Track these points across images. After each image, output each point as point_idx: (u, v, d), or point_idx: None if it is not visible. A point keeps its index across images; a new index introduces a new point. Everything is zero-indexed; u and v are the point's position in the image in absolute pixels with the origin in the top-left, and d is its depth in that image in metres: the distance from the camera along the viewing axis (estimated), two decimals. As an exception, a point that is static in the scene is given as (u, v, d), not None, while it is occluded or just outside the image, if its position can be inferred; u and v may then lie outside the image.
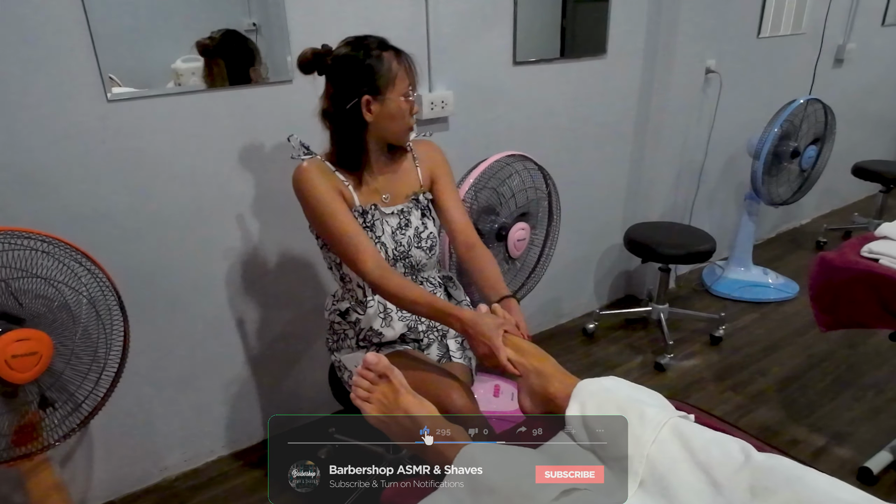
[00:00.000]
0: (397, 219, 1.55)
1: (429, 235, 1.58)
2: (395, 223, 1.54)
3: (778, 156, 2.97)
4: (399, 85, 1.43)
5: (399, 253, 1.54)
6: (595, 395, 1.08)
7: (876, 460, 1.99)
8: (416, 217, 1.57)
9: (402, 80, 1.43)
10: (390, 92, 1.42)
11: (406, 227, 1.55)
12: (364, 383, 1.16)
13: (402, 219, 1.55)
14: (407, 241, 1.55)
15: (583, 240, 2.91)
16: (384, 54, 1.42)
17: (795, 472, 0.87)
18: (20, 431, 1.40)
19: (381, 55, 1.42)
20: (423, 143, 1.65)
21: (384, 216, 1.53)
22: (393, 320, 1.56)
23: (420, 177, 1.60)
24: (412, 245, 1.56)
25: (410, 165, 1.60)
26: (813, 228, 4.11)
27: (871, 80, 4.09)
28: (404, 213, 1.56)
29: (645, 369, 2.64)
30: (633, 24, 2.64)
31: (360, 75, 1.42)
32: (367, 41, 1.43)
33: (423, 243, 1.57)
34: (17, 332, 1.30)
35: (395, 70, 1.42)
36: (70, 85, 1.57)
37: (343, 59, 1.43)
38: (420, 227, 1.57)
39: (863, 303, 1.78)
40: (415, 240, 1.56)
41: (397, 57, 1.43)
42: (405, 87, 1.44)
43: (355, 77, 1.42)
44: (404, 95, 1.44)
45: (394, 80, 1.42)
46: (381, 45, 1.43)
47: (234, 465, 2.14)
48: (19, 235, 1.32)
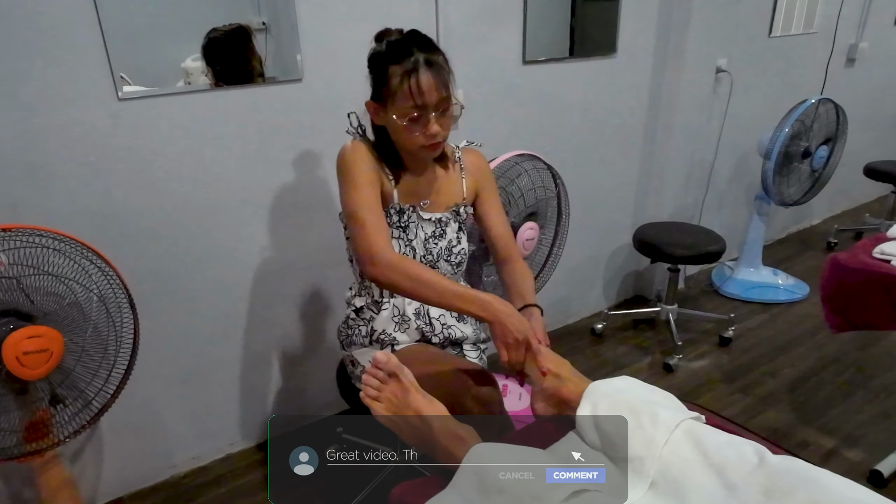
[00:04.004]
0: (433, 227, 1.51)
1: (460, 251, 1.55)
2: (430, 231, 1.51)
3: (789, 156, 2.95)
4: (399, 105, 1.32)
5: (427, 261, 1.50)
6: (607, 396, 1.07)
7: (887, 463, 1.97)
8: (453, 230, 1.54)
9: (403, 99, 1.31)
10: (391, 108, 1.34)
11: (440, 237, 1.52)
12: (374, 382, 1.16)
13: (438, 228, 1.52)
14: (437, 251, 1.51)
15: (592, 239, 2.90)
16: (392, 67, 1.31)
17: (810, 473, 0.87)
18: (31, 428, 1.41)
19: (388, 66, 1.32)
20: (472, 153, 1.59)
21: (420, 220, 1.49)
22: (410, 328, 1.53)
23: (464, 188, 1.55)
24: (441, 257, 1.52)
25: (456, 175, 1.55)
26: (824, 229, 4.08)
27: (883, 79, 4.06)
28: (441, 223, 1.52)
29: (653, 370, 2.63)
30: (644, 23, 2.62)
31: (372, 76, 1.38)
32: (389, 42, 1.34)
33: (453, 258, 1.54)
34: (29, 329, 1.31)
35: (393, 87, 1.31)
36: (82, 83, 1.58)
37: (370, 53, 1.38)
38: (453, 241, 1.54)
39: (874, 304, 1.77)
40: (445, 252, 1.53)
41: (405, 74, 1.29)
42: (407, 107, 1.31)
43: (371, 75, 1.38)
44: (403, 116, 1.32)
45: (393, 96, 1.32)
46: (398, 50, 1.32)
47: (242, 463, 2.14)
48: (31, 233, 1.32)
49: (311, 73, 1.89)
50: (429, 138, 1.35)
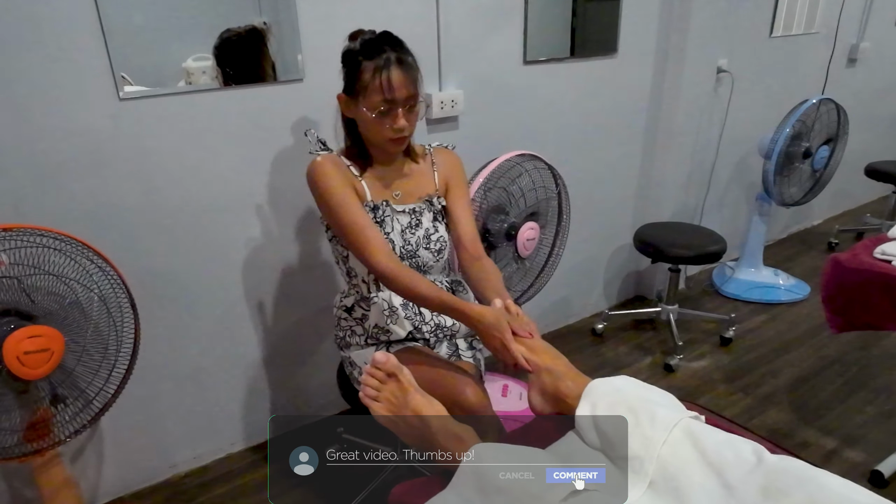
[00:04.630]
0: (408, 217, 1.55)
1: (439, 238, 1.59)
2: (405, 221, 1.55)
3: (790, 156, 2.95)
4: (370, 98, 1.39)
5: (406, 252, 1.54)
6: (606, 396, 1.08)
7: (888, 463, 1.97)
8: (428, 219, 1.58)
9: (373, 93, 1.38)
10: (362, 102, 1.41)
11: (416, 227, 1.56)
12: (373, 382, 1.16)
13: (413, 218, 1.56)
14: (416, 240, 1.55)
15: (592, 240, 2.90)
16: (365, 62, 1.38)
17: (808, 473, 0.87)
18: (32, 427, 1.41)
19: (360, 60, 1.39)
20: (444, 152, 1.66)
21: (395, 213, 1.54)
22: (399, 318, 1.56)
23: (436, 181, 1.61)
24: (420, 245, 1.56)
25: (428, 169, 1.62)
26: (825, 229, 4.08)
27: (884, 79, 4.06)
28: (416, 213, 1.56)
29: (654, 370, 2.63)
30: (644, 23, 2.62)
31: (344, 70, 1.45)
32: (363, 40, 1.42)
33: (433, 245, 1.58)
34: (29, 329, 1.31)
35: (366, 81, 1.38)
36: (83, 84, 1.58)
37: (344, 50, 1.45)
38: (431, 230, 1.58)
39: (875, 305, 1.77)
40: (424, 241, 1.57)
41: (376, 69, 1.37)
42: (376, 101, 1.39)
43: (344, 70, 1.45)
44: (373, 109, 1.40)
45: (364, 90, 1.40)
46: (371, 48, 1.39)
47: (243, 463, 2.15)
48: (32, 233, 1.33)
49: (312, 73, 1.89)
50: (396, 132, 1.43)
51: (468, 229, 1.61)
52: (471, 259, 1.59)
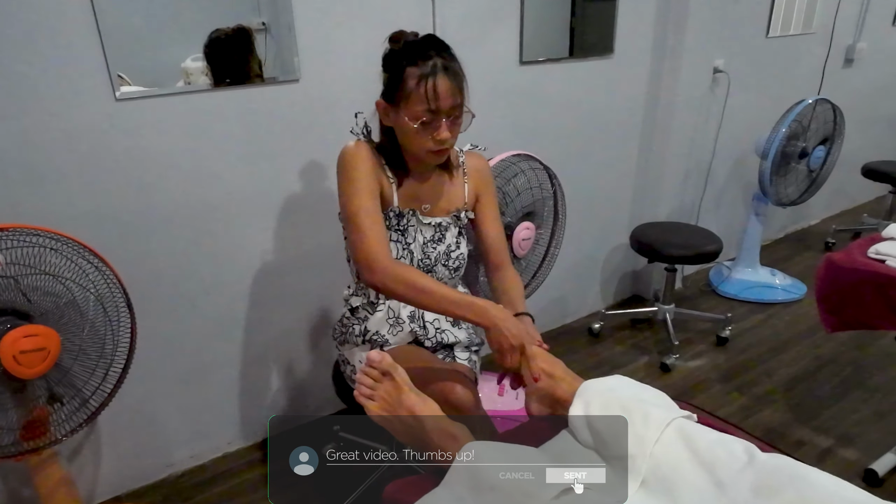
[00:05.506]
0: (432, 231, 1.52)
1: (458, 256, 1.56)
2: (429, 235, 1.51)
3: (786, 156, 2.95)
4: (413, 107, 1.31)
5: (424, 265, 1.51)
6: (600, 395, 1.08)
7: (882, 462, 1.98)
8: (452, 234, 1.54)
9: (417, 102, 1.30)
10: (403, 110, 1.33)
11: (439, 242, 1.53)
12: (367, 381, 1.16)
13: (438, 233, 1.52)
14: (436, 256, 1.52)
15: (589, 239, 2.91)
16: (409, 69, 1.29)
17: (799, 471, 0.87)
18: (28, 426, 1.41)
19: (404, 65, 1.30)
20: (476, 157, 1.60)
21: (420, 225, 1.50)
22: (403, 331, 1.54)
23: (466, 193, 1.56)
24: (439, 262, 1.53)
25: (459, 180, 1.55)
26: (822, 229, 4.09)
27: (881, 80, 4.06)
28: (441, 228, 1.53)
29: (650, 369, 2.63)
30: (641, 23, 2.63)
31: (386, 75, 1.36)
32: (406, 42, 1.34)
33: (451, 262, 1.55)
34: (26, 328, 1.31)
35: (409, 88, 1.30)
36: (79, 84, 1.59)
37: (385, 53, 1.37)
38: (452, 246, 1.54)
39: (869, 304, 1.77)
40: (443, 257, 1.53)
41: (422, 77, 1.28)
42: (420, 111, 1.30)
43: (386, 74, 1.37)
44: (416, 119, 1.31)
45: (407, 98, 1.31)
46: (416, 52, 1.31)
47: (239, 462, 2.15)
48: (28, 233, 1.33)
49: (309, 74, 1.89)
50: (437, 144, 1.35)
51: (494, 236, 1.58)
52: (493, 268, 1.58)
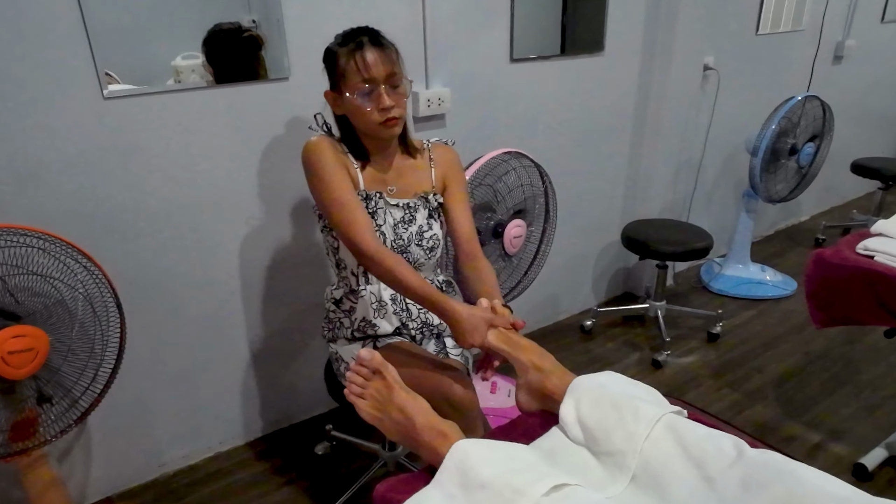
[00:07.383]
0: (401, 212, 1.54)
1: (432, 236, 1.58)
2: (398, 216, 1.54)
3: (776, 153, 2.97)
4: (350, 81, 1.40)
5: (398, 246, 1.53)
6: (590, 392, 1.08)
7: (871, 457, 2.00)
8: (422, 216, 1.56)
9: (352, 74, 1.39)
10: (344, 88, 1.42)
11: (410, 222, 1.55)
12: (358, 379, 1.16)
13: (407, 214, 1.55)
14: (408, 236, 1.54)
15: (580, 237, 2.91)
16: (339, 50, 1.41)
17: (787, 466, 0.88)
18: (17, 427, 1.40)
19: (335, 52, 1.42)
20: (443, 148, 1.64)
21: (388, 206, 1.53)
22: (388, 313, 1.56)
23: (433, 178, 1.60)
24: (412, 242, 1.55)
25: (425, 165, 1.60)
26: (812, 226, 4.11)
27: (870, 76, 4.09)
28: (410, 209, 1.55)
29: (642, 366, 2.64)
30: (631, 20, 2.63)
31: (326, 67, 1.47)
32: (339, 35, 1.44)
33: (425, 243, 1.57)
34: (14, 329, 1.30)
35: (342, 66, 1.40)
36: (66, 82, 1.57)
37: (324, 52, 1.47)
38: (424, 227, 1.56)
39: (858, 300, 1.78)
40: (416, 237, 1.55)
41: (350, 52, 1.39)
42: (357, 82, 1.39)
43: (326, 67, 1.47)
44: (354, 90, 1.40)
45: (343, 76, 1.41)
46: (344, 38, 1.42)
47: (232, 461, 2.15)
48: (16, 233, 1.32)
49: (298, 72, 1.89)
50: (383, 113, 1.41)
51: (465, 228, 1.60)
52: (466, 258, 1.59)
